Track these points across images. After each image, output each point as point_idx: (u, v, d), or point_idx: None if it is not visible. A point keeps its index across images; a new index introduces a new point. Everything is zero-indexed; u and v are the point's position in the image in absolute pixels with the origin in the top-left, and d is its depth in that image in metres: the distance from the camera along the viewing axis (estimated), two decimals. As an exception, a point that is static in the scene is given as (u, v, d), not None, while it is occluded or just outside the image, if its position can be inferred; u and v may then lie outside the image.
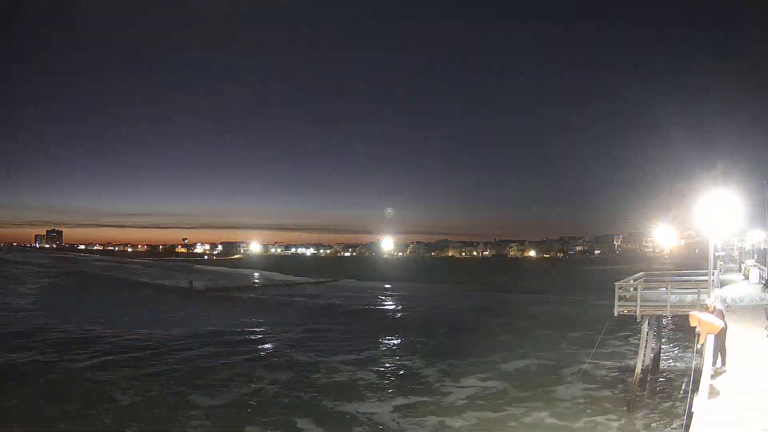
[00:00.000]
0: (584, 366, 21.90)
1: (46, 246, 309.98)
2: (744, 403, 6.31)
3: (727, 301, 17.41)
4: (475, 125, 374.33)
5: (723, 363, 8.70)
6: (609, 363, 24.23)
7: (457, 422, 16.95)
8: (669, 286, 18.86)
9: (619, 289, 19.08)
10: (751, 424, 5.65)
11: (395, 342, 31.04)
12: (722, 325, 8.88)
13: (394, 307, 48.94)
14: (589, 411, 17.62)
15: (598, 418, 16.93)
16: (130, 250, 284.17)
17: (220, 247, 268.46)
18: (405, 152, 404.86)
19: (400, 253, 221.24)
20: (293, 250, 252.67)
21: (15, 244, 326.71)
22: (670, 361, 24.09)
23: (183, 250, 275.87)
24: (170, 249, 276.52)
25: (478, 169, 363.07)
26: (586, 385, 20.53)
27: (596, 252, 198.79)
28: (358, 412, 17.93)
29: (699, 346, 8.90)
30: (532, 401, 18.74)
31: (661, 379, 21.00)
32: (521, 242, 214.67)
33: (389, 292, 63.86)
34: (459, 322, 37.86)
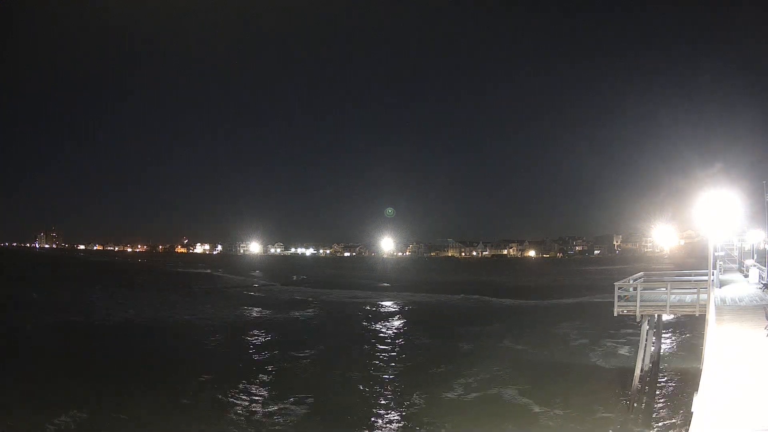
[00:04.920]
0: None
1: (46, 246, 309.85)
2: (744, 403, 6.29)
3: (727, 301, 17.38)
4: (475, 125, 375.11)
5: None
6: (609, 362, 24.24)
7: (461, 412, 16.98)
8: (669, 286, 18.85)
9: (619, 289, 19.06)
10: (751, 424, 5.63)
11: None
12: None
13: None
14: (588, 410, 17.59)
15: (598, 418, 16.90)
16: (129, 250, 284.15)
17: (219, 247, 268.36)
18: (405, 152, 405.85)
19: (400, 253, 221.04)
20: (293, 250, 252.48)
21: (15, 244, 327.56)
22: (670, 361, 24.07)
23: (183, 250, 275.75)
24: (170, 249, 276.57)
25: (478, 169, 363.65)
26: (587, 385, 20.52)
27: (596, 252, 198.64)
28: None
29: None
30: (533, 402, 18.72)
31: (660, 379, 20.97)
32: (521, 242, 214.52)
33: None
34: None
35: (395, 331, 35.01)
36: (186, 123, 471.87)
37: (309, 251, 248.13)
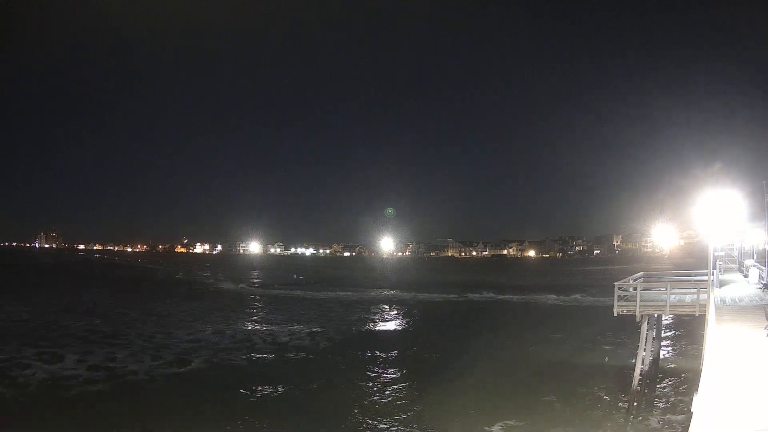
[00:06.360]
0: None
1: (46, 246, 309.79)
2: (744, 404, 6.27)
3: (727, 301, 17.36)
4: (475, 125, 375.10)
5: None
6: (608, 362, 24.22)
7: (460, 408, 16.96)
8: (669, 286, 18.83)
9: (619, 289, 19.04)
10: (751, 424, 5.61)
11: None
12: None
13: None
14: (588, 411, 17.59)
15: (598, 418, 16.89)
16: (129, 250, 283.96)
17: (219, 247, 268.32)
18: (405, 152, 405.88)
19: (400, 253, 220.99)
20: (293, 250, 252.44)
21: (15, 244, 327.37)
22: (670, 361, 24.05)
23: (183, 250, 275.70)
24: (170, 249, 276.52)
25: (478, 169, 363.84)
26: (586, 385, 20.50)
27: (595, 252, 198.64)
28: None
29: None
30: (532, 402, 18.70)
31: (660, 379, 20.96)
32: (521, 242, 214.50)
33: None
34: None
35: (395, 331, 34.99)
36: (186, 123, 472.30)
37: (309, 251, 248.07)
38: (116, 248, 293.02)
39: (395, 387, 21.04)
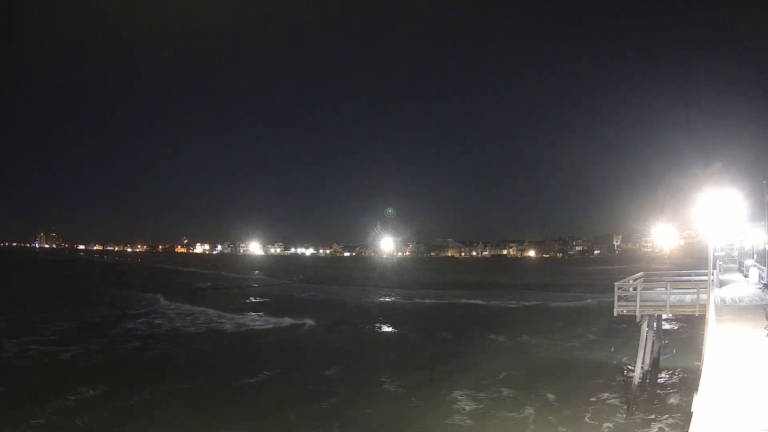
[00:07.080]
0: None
1: (46, 246, 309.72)
2: (744, 403, 6.27)
3: (727, 301, 17.36)
4: (475, 125, 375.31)
5: None
6: (609, 363, 24.22)
7: (459, 408, 16.96)
8: (669, 286, 18.81)
9: (619, 289, 19.03)
10: (751, 424, 5.61)
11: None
12: None
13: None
14: (589, 411, 17.58)
15: (598, 418, 16.89)
16: (129, 250, 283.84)
17: (219, 247, 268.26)
18: (405, 152, 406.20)
19: (400, 253, 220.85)
20: (293, 250, 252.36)
21: (15, 244, 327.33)
22: (670, 361, 24.04)
23: (183, 250, 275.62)
24: (170, 249, 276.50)
25: (478, 169, 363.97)
26: (586, 385, 20.50)
27: (595, 252, 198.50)
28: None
29: None
30: (532, 401, 18.69)
31: (660, 379, 20.96)
32: (521, 242, 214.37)
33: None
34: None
35: (395, 332, 34.98)
36: (186, 123, 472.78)
37: (309, 251, 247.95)
38: (116, 248, 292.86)
39: (392, 387, 21.04)
